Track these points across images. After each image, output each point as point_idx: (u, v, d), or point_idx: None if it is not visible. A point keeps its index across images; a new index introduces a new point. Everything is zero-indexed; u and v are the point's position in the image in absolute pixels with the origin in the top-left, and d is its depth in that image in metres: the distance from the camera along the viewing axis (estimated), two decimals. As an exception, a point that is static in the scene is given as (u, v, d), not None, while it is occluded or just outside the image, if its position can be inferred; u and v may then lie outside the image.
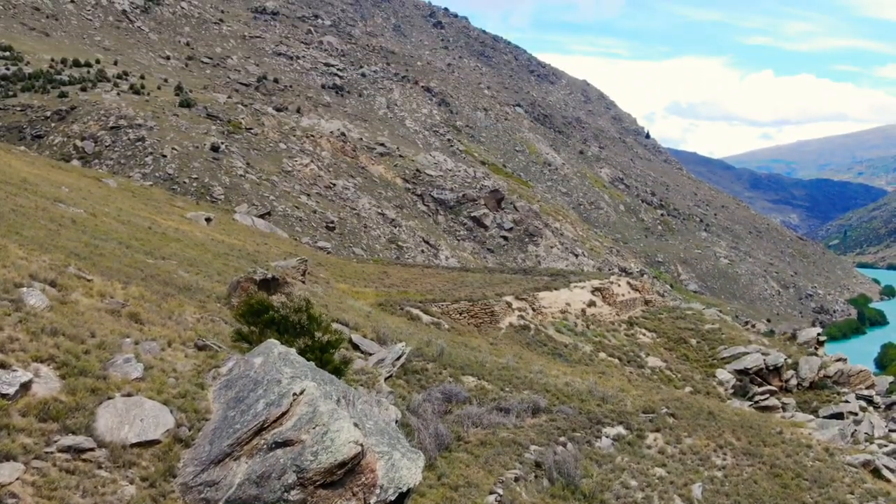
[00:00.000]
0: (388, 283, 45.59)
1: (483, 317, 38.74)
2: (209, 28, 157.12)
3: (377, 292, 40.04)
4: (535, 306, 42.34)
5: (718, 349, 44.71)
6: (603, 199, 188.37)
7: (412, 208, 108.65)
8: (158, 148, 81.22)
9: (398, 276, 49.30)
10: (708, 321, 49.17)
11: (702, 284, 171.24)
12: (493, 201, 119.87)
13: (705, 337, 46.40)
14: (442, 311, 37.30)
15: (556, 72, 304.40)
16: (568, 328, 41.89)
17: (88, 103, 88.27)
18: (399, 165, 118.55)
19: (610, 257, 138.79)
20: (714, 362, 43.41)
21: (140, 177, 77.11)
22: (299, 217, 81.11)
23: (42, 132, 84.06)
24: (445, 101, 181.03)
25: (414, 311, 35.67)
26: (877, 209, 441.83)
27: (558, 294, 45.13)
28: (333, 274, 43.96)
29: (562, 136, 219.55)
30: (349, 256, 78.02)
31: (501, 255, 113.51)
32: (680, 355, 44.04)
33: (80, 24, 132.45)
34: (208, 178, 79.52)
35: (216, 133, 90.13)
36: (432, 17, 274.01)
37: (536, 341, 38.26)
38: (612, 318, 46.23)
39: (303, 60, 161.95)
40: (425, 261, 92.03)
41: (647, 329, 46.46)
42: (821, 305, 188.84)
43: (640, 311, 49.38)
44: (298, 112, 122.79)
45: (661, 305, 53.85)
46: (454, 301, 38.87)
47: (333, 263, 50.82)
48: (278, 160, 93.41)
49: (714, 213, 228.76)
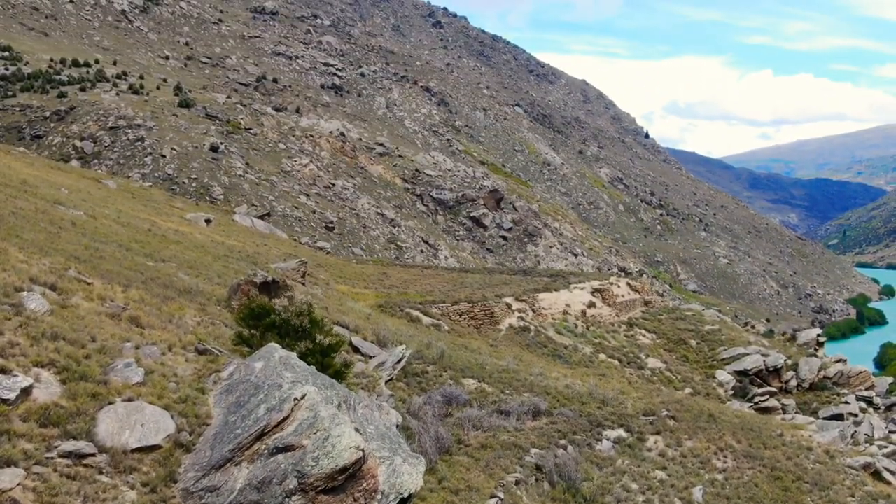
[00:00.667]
0: (388, 284, 45.36)
1: (483, 318, 38.53)
2: (208, 28, 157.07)
3: (377, 294, 39.90)
4: (534, 308, 42.07)
5: (718, 350, 44.58)
6: (602, 198, 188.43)
7: (411, 208, 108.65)
8: (158, 148, 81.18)
9: (398, 277, 49.02)
10: (708, 322, 49.00)
11: (701, 284, 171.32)
12: (493, 201, 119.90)
13: (705, 338, 46.22)
14: (442, 312, 37.16)
15: (555, 71, 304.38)
16: (568, 329, 41.61)
17: (87, 103, 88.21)
18: (398, 165, 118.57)
19: (609, 257, 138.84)
20: (714, 363, 43.24)
21: (139, 177, 77.06)
22: (298, 217, 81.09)
23: (41, 132, 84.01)
24: (445, 101, 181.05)
25: (414, 312, 35.55)
26: (876, 209, 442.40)
27: (558, 295, 44.79)
28: (333, 275, 43.77)
29: (561, 135, 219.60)
30: (348, 257, 78.04)
31: (501, 255, 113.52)
32: (680, 356, 44.01)
33: (79, 24, 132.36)
34: (207, 178, 79.49)
35: (215, 133, 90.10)
36: (431, 16, 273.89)
37: (536, 343, 37.99)
38: (611, 319, 46.06)
39: (302, 60, 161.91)
40: (424, 261, 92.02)
41: (647, 330, 46.32)
42: (820, 305, 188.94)
43: (639, 311, 49.23)
44: (297, 112, 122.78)
45: (660, 306, 53.65)
46: (454, 302, 38.66)
47: (333, 264, 50.58)
48: (277, 160, 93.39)
49: (713, 213, 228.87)
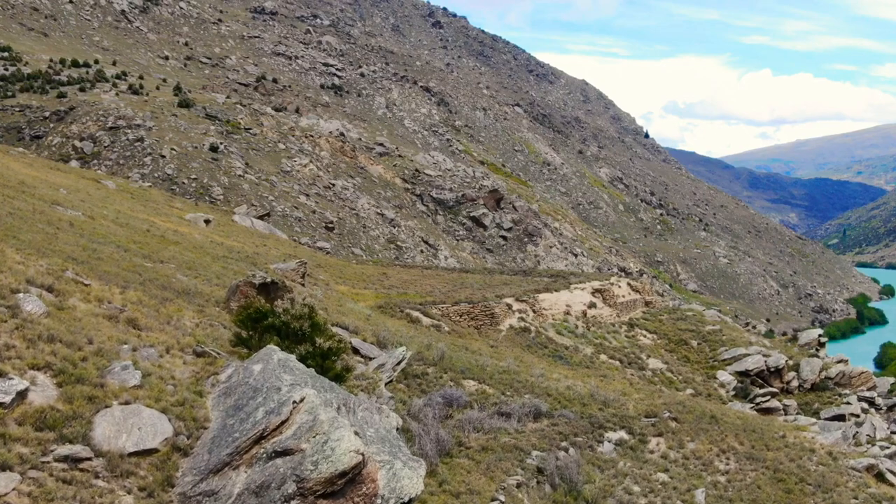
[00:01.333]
0: (388, 284, 45.11)
1: (483, 319, 38.23)
2: (208, 28, 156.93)
3: (377, 294, 39.69)
4: (535, 308, 41.72)
5: (719, 351, 44.26)
6: (602, 198, 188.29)
7: (411, 208, 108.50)
8: (157, 148, 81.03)
9: (398, 277, 48.72)
10: (708, 322, 48.76)
11: (701, 284, 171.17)
12: (493, 201, 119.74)
13: (706, 338, 45.90)
14: (442, 313, 36.79)
15: (554, 71, 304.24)
16: (569, 330, 41.29)
17: (87, 103, 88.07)
18: (398, 165, 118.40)
19: (609, 257, 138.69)
20: (715, 364, 42.96)
21: (139, 177, 76.91)
22: (298, 217, 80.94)
23: (41, 133, 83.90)
24: (444, 101, 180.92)
25: (414, 313, 35.24)
26: (876, 208, 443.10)
27: (559, 296, 44.38)
28: (333, 276, 43.59)
29: (561, 135, 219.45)
30: (348, 257, 77.89)
31: (500, 254, 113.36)
32: (681, 357, 43.75)
33: (78, 24, 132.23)
34: (207, 178, 79.33)
35: (215, 133, 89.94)
36: (431, 16, 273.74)
37: (537, 343, 37.64)
38: (612, 319, 45.71)
39: (301, 60, 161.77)
40: (424, 261, 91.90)
41: (648, 330, 45.99)
42: (820, 305, 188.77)
43: (640, 312, 48.89)
44: (297, 112, 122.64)
45: (661, 306, 53.41)
46: (454, 303, 38.30)
47: (333, 265, 50.42)
48: (277, 160, 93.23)
49: (713, 213, 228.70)
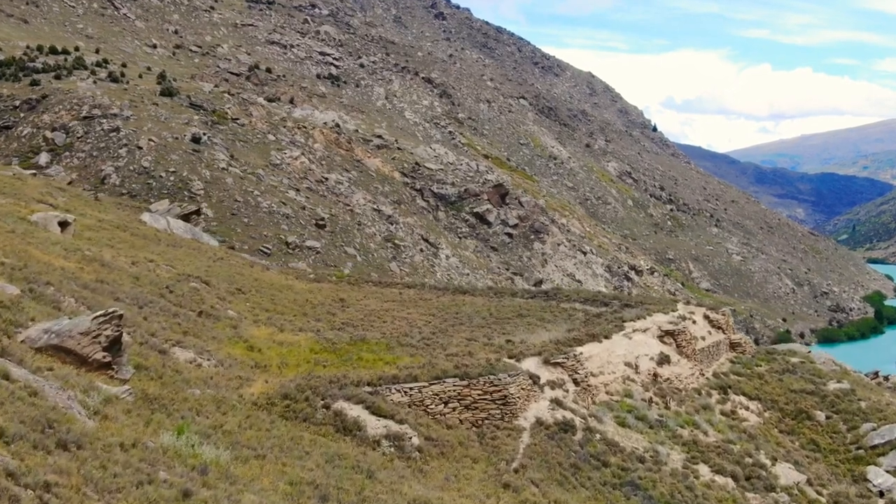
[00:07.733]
0: (341, 320, 31.48)
1: (488, 408, 22.43)
2: (199, 16, 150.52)
3: (314, 343, 26.21)
4: (577, 375, 26.23)
5: (862, 429, 30.52)
6: (610, 193, 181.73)
7: (411, 204, 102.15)
8: (134, 139, 74.71)
9: (361, 305, 35.93)
10: (827, 375, 35.34)
11: (714, 282, 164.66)
12: (497, 196, 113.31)
13: (835, 406, 32.23)
14: (411, 401, 21.32)
15: (560, 64, 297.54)
16: (637, 416, 26.12)
17: (61, 91, 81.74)
18: (397, 158, 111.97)
19: (619, 255, 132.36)
20: (859, 452, 29.19)
21: (113, 170, 70.85)
22: (286, 214, 74.57)
23: (10, 123, 77.69)
24: (447, 93, 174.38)
25: (351, 409, 19.22)
26: (884, 203, 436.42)
27: (611, 346, 29.16)
28: (256, 306, 31.58)
29: (567, 128, 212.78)
30: (340, 257, 71.70)
31: (506, 253, 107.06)
32: (806, 442, 30.02)
33: (61, 10, 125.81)
34: (187, 171, 73.01)
35: (198, 123, 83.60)
36: (433, 7, 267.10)
37: (590, 458, 22.27)
38: (693, 379, 31.24)
39: (297, 49, 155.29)
40: (424, 261, 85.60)
41: (748, 395, 32.00)
42: (836, 303, 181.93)
43: (725, 360, 35.29)
44: (291, 102, 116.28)
45: (751, 350, 39.20)
46: (433, 379, 21.94)
47: (266, 286, 37.73)
48: (266, 152, 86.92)
49: (724, 209, 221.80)
